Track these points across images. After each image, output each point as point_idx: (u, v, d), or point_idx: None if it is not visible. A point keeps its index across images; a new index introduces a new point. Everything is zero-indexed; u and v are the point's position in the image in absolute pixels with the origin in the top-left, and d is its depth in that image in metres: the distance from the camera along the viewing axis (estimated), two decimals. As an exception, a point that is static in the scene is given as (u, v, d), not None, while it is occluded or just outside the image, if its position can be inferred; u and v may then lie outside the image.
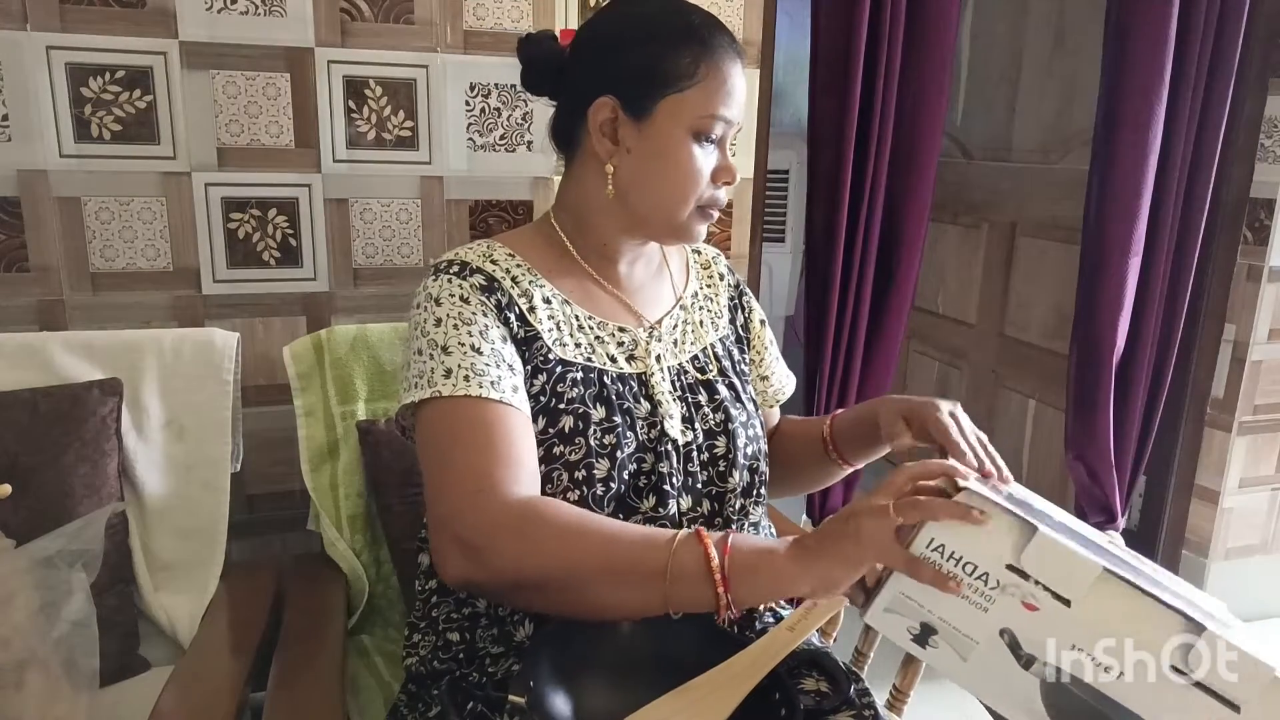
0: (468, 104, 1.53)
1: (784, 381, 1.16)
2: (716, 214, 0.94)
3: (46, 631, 0.96)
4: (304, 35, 1.43)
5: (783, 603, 1.02)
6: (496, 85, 1.54)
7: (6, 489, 1.11)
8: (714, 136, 0.90)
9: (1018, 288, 2.60)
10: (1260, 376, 2.07)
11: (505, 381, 0.85)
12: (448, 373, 0.84)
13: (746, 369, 1.07)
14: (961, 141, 2.82)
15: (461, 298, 0.89)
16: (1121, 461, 2.04)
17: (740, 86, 0.90)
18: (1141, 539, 2.23)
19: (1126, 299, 1.92)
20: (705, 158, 0.90)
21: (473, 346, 0.86)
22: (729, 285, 1.10)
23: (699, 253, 1.12)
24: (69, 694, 0.95)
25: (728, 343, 1.05)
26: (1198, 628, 0.66)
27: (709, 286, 1.08)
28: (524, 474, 0.82)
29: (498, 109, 1.55)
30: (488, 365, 0.85)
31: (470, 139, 1.55)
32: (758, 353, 1.11)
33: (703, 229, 0.94)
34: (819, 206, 1.77)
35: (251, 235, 1.48)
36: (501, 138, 1.56)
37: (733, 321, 1.08)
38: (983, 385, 2.74)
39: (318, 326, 1.48)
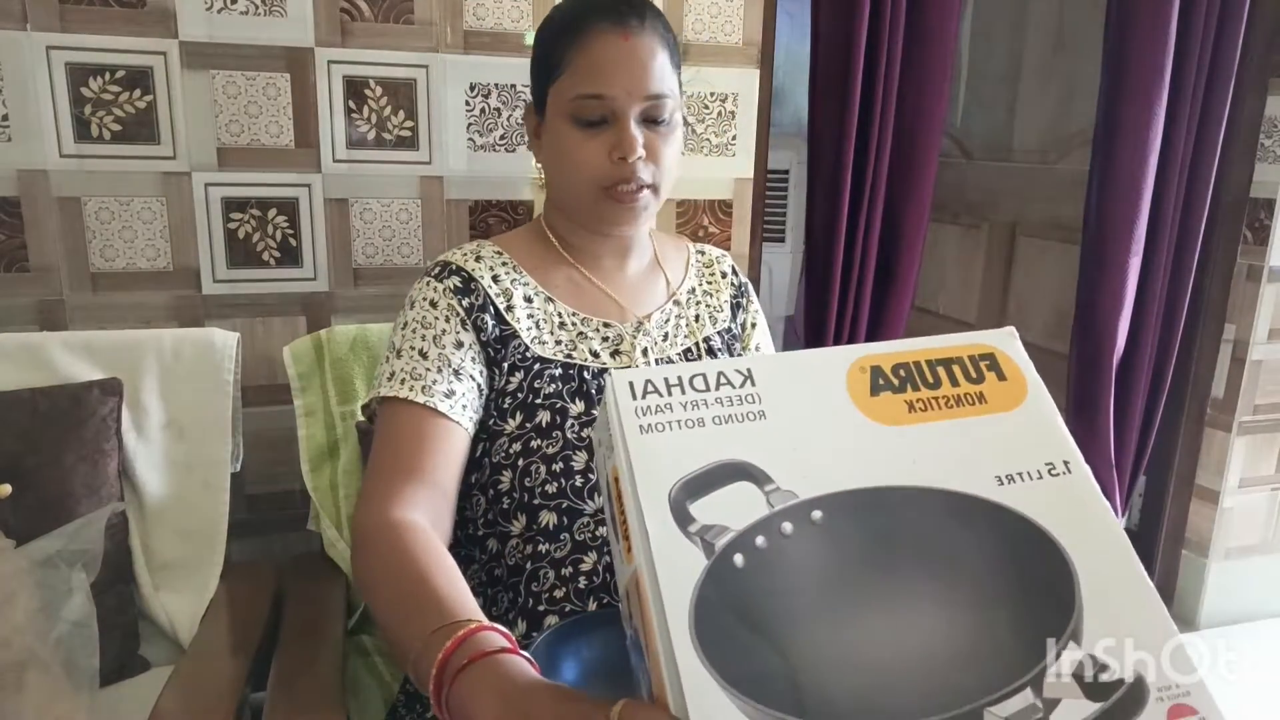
0: (468, 104, 1.53)
1: None
2: (640, 194, 0.90)
3: (46, 631, 0.96)
4: (304, 35, 1.43)
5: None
6: (496, 85, 1.54)
7: (6, 489, 1.11)
8: (591, 118, 0.88)
9: (1018, 288, 2.60)
10: (1260, 376, 2.07)
11: (439, 386, 0.87)
12: (391, 374, 0.88)
13: None
14: (961, 141, 2.82)
15: (431, 302, 0.92)
16: (1121, 461, 2.04)
17: (620, 58, 0.87)
18: (1141, 539, 2.23)
19: (1126, 299, 1.92)
20: (590, 140, 0.89)
21: (420, 351, 0.89)
22: (732, 284, 1.10)
23: (703, 253, 1.12)
24: (69, 694, 0.95)
25: (727, 337, 1.06)
26: None
27: (709, 283, 1.08)
28: (418, 489, 0.82)
29: (498, 109, 1.55)
30: (428, 369, 0.87)
31: (470, 139, 1.55)
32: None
33: (625, 211, 0.92)
34: (819, 206, 1.76)
35: (251, 235, 1.48)
36: (501, 138, 1.56)
37: (733, 319, 1.08)
38: (983, 385, 2.73)
39: (318, 326, 1.48)
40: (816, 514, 0.52)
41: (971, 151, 2.81)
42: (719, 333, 1.05)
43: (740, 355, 1.08)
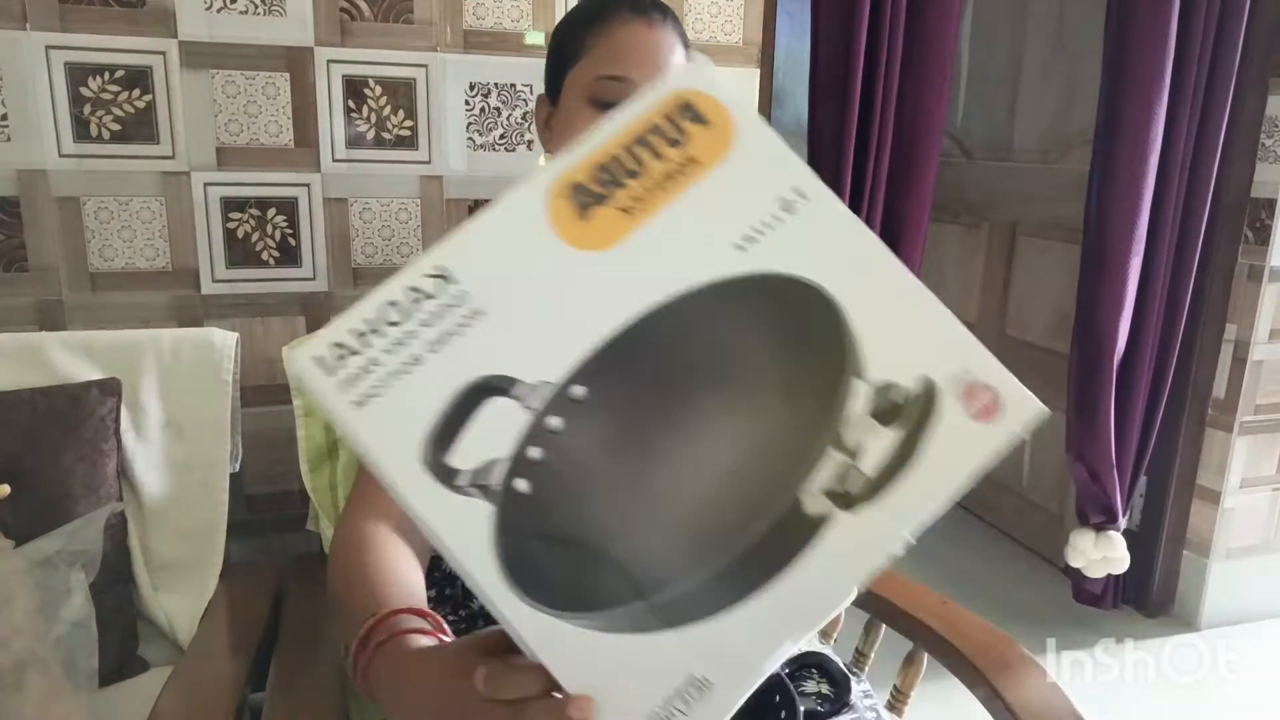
0: (467, 103, 1.53)
1: None
2: None
3: (46, 632, 0.96)
4: (303, 35, 1.43)
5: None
6: (496, 85, 1.54)
7: (6, 489, 1.11)
8: (610, 99, 0.89)
9: (1018, 288, 2.59)
10: (1261, 376, 2.07)
11: None
12: None
13: None
14: (962, 141, 2.82)
15: None
16: (1122, 462, 2.04)
17: (642, 44, 0.90)
18: (1142, 539, 2.23)
19: (1127, 299, 1.92)
20: None
21: None
22: None
23: None
24: (68, 694, 0.95)
25: None
26: None
27: None
28: (393, 503, 0.82)
29: (497, 108, 1.55)
30: None
31: (470, 138, 1.55)
32: None
33: None
34: (819, 206, 1.76)
35: (250, 235, 1.48)
36: (501, 137, 1.56)
37: None
38: (983, 385, 2.73)
39: (317, 326, 1.48)
40: (577, 391, 0.48)
41: (972, 151, 2.81)
42: None
43: None
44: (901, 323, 0.50)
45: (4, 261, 1.38)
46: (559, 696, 0.45)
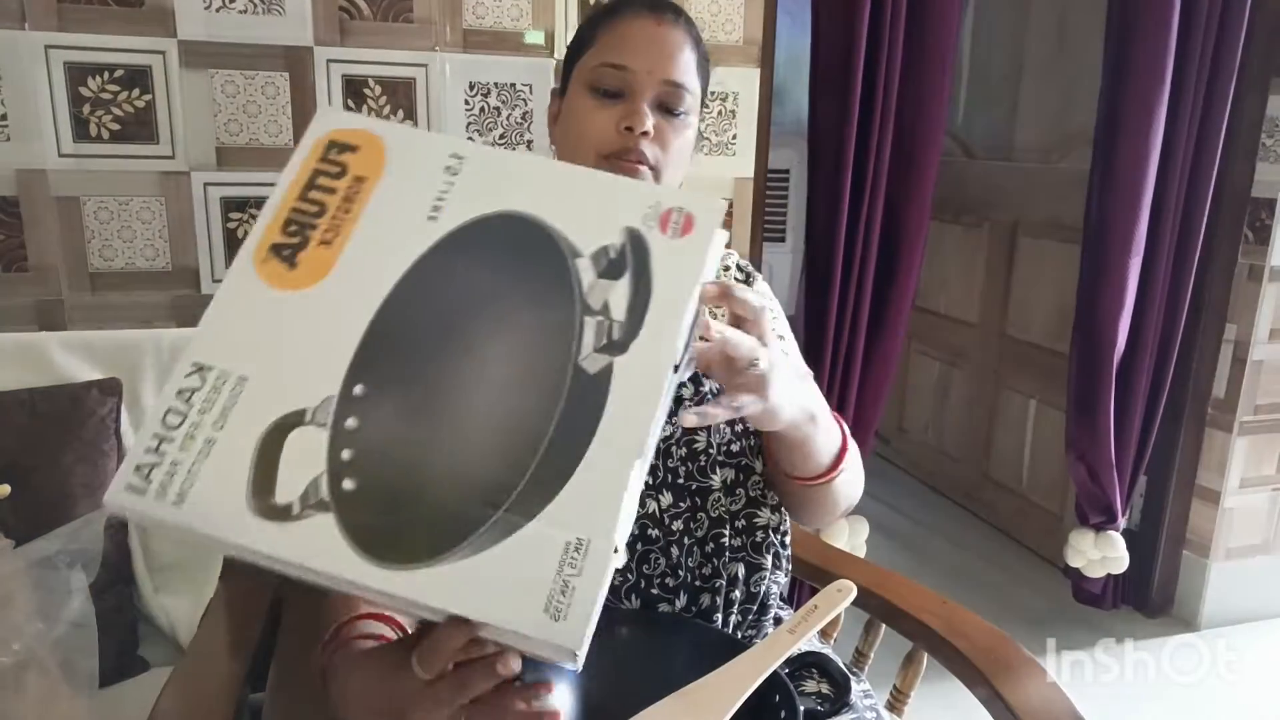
0: (467, 103, 1.53)
1: None
2: (640, 167, 0.90)
3: (46, 632, 0.96)
4: (303, 34, 1.43)
5: (784, 605, 1.02)
6: (496, 84, 1.54)
7: (6, 489, 1.11)
8: (609, 88, 0.90)
9: (1019, 288, 2.59)
10: (1261, 376, 2.06)
11: None
12: None
13: None
14: (963, 141, 2.82)
15: None
16: (1122, 461, 2.04)
17: (648, 37, 0.91)
18: (1142, 539, 2.23)
19: (1127, 299, 1.92)
20: (602, 109, 0.90)
21: None
22: (734, 278, 1.06)
23: None
24: (68, 695, 0.95)
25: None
26: None
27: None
28: None
29: (497, 108, 1.55)
30: None
31: (470, 138, 1.54)
32: None
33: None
34: (819, 206, 1.76)
35: (251, 235, 1.48)
36: (501, 137, 1.56)
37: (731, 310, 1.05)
38: (983, 385, 2.74)
39: (317, 326, 1.48)
40: (357, 389, 0.54)
41: (972, 151, 2.81)
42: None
43: None
44: (584, 201, 0.60)
45: (4, 261, 1.38)
46: (488, 654, 0.51)
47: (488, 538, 0.50)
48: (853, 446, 0.86)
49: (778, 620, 0.98)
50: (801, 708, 0.75)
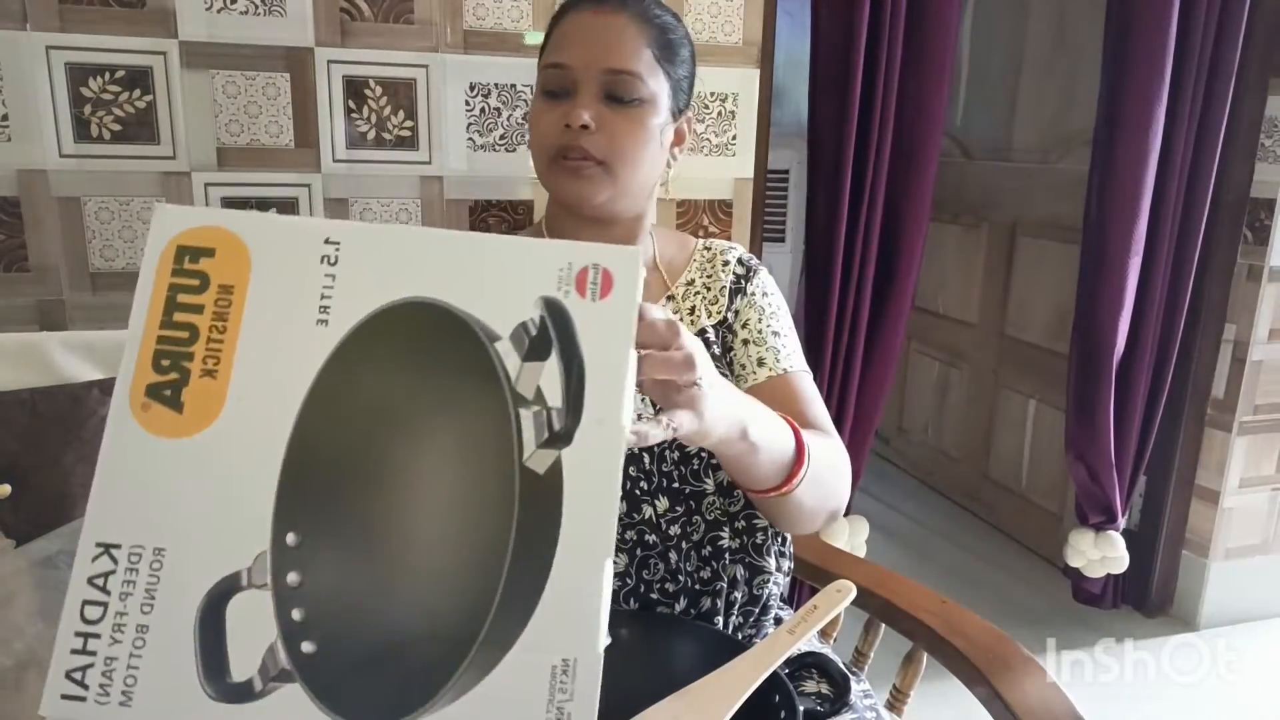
0: (468, 104, 1.53)
1: (754, 368, 0.98)
2: (584, 164, 0.89)
3: (46, 632, 0.96)
4: (304, 35, 1.43)
5: (784, 606, 1.02)
6: (496, 85, 1.54)
7: (6, 489, 1.11)
8: (554, 88, 0.89)
9: (1018, 288, 2.59)
10: (1260, 376, 2.07)
11: None
12: None
13: (747, 359, 0.98)
14: (962, 141, 2.82)
15: None
16: (1122, 461, 2.04)
17: (585, 30, 0.89)
18: (1142, 539, 2.23)
19: (1127, 299, 1.92)
20: (551, 109, 0.90)
21: None
22: (734, 272, 1.01)
23: (709, 247, 1.04)
24: (69, 694, 0.95)
25: (722, 330, 0.98)
26: None
27: (709, 275, 1.01)
28: None
29: (498, 109, 1.55)
30: None
31: (470, 139, 1.55)
32: (732, 343, 0.99)
33: (572, 179, 0.89)
34: (819, 206, 1.76)
35: (251, 235, 1.48)
36: (501, 138, 1.56)
37: (729, 307, 0.99)
38: (983, 385, 2.74)
39: (317, 326, 1.48)
40: (290, 539, 0.49)
41: (972, 151, 2.81)
42: (714, 325, 0.98)
43: (731, 347, 0.98)
44: (487, 274, 0.52)
45: (4, 261, 1.38)
46: None
47: (469, 677, 0.46)
48: (820, 457, 0.80)
49: (778, 621, 0.99)
50: (801, 708, 0.75)
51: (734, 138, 1.69)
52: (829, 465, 0.84)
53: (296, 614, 0.48)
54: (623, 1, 0.90)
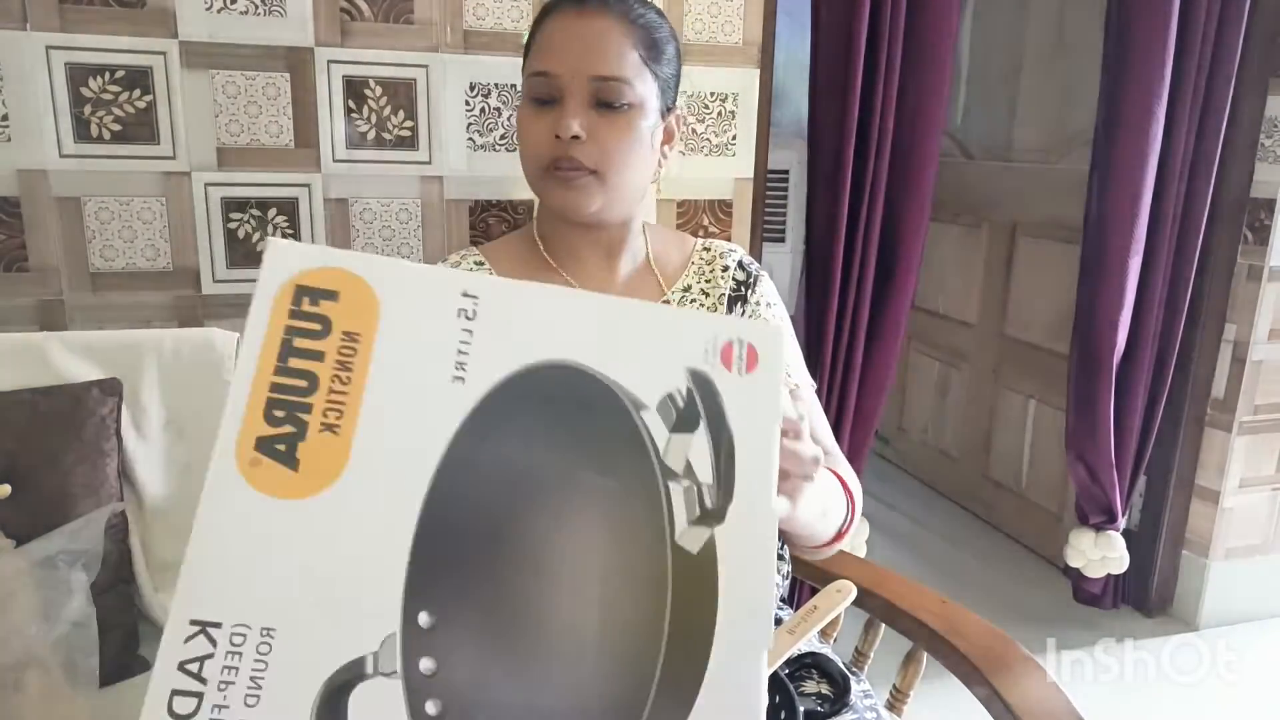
0: (468, 104, 1.53)
1: None
2: (577, 174, 0.88)
3: (46, 632, 0.96)
4: (304, 35, 1.43)
5: (783, 606, 1.02)
6: (497, 85, 1.54)
7: (6, 489, 1.11)
8: (541, 96, 0.88)
9: (1018, 288, 2.59)
10: (1260, 376, 2.07)
11: None
12: None
13: None
14: (962, 141, 2.82)
15: None
16: (1122, 461, 2.04)
17: (569, 35, 0.87)
18: (1142, 539, 2.23)
19: (1127, 299, 1.92)
20: (539, 118, 0.89)
21: None
22: (734, 278, 1.00)
23: (708, 249, 1.04)
24: (69, 694, 0.95)
25: None
26: None
27: (707, 280, 1.01)
28: None
29: (498, 109, 1.55)
30: None
31: (470, 139, 1.55)
32: None
33: (565, 189, 0.89)
34: (819, 206, 1.76)
35: (251, 235, 1.48)
36: (502, 138, 1.56)
37: (729, 313, 0.99)
38: (983, 385, 2.74)
39: (318, 326, 1.48)
40: (424, 620, 0.43)
41: (971, 151, 2.81)
42: None
43: None
44: (632, 340, 0.49)
45: (4, 261, 1.38)
46: None
47: None
48: (855, 515, 0.86)
49: (777, 620, 0.98)
50: (801, 708, 0.75)
51: (734, 138, 1.69)
52: (859, 501, 0.89)
53: (431, 707, 0.43)
54: (605, 2, 0.88)
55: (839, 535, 0.83)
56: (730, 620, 0.45)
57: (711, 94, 1.66)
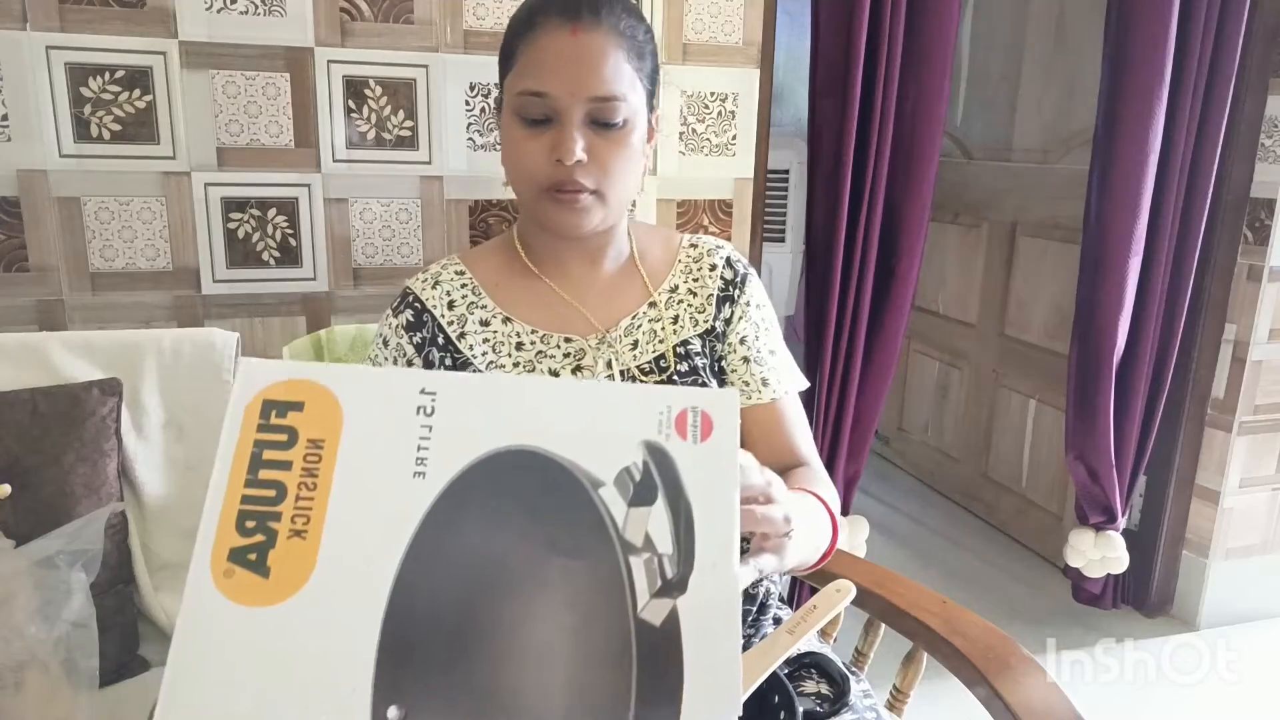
0: (467, 104, 1.53)
1: (759, 387, 0.98)
2: (580, 196, 0.86)
3: (46, 632, 0.96)
4: (304, 35, 1.43)
5: (782, 605, 1.02)
6: (496, 85, 1.54)
7: (6, 489, 1.11)
8: (534, 116, 0.85)
9: (1018, 288, 2.59)
10: (1260, 376, 2.06)
11: None
12: None
13: (750, 378, 0.97)
14: (962, 141, 2.82)
15: (384, 340, 0.95)
16: (1122, 461, 2.04)
17: (565, 54, 0.83)
18: (1142, 539, 2.23)
19: (1127, 299, 1.92)
20: (533, 139, 0.85)
21: None
22: (722, 277, 0.98)
23: (695, 245, 1.01)
24: (68, 694, 0.95)
25: (709, 339, 0.96)
26: None
27: (694, 279, 0.98)
28: None
29: (498, 109, 1.55)
30: None
31: (470, 139, 1.55)
32: (727, 357, 0.98)
33: (567, 212, 0.87)
34: (819, 206, 1.76)
35: (251, 235, 1.48)
36: (501, 138, 1.56)
37: (717, 316, 0.97)
38: (983, 385, 2.74)
39: (317, 326, 1.48)
40: (393, 714, 0.45)
41: (971, 151, 2.81)
42: (699, 335, 0.96)
43: (722, 356, 0.97)
44: (585, 419, 0.51)
45: (4, 261, 1.38)
46: None
47: None
48: (838, 531, 0.87)
49: (777, 620, 0.99)
50: (801, 708, 0.75)
51: (734, 138, 1.69)
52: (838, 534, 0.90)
53: None
54: (596, 13, 0.84)
55: (825, 555, 0.85)
56: (696, 693, 0.45)
57: (711, 94, 1.66)
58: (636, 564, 0.47)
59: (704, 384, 0.93)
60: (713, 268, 0.99)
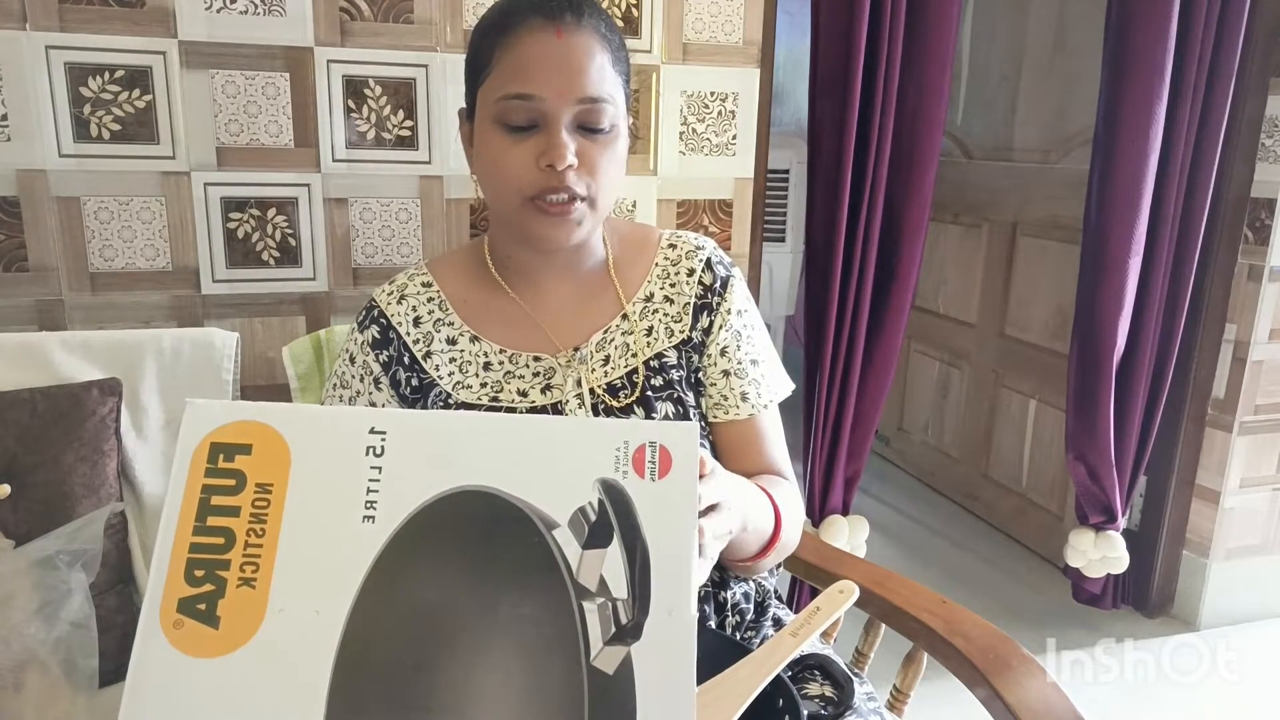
0: (468, 104, 1.53)
1: (738, 402, 0.94)
2: (571, 206, 0.82)
3: (46, 632, 0.96)
4: (303, 35, 1.43)
5: (781, 604, 1.02)
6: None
7: (6, 489, 1.11)
8: (519, 122, 0.80)
9: (1018, 288, 2.59)
10: (1261, 376, 2.06)
11: None
12: None
13: (729, 392, 0.94)
14: (962, 141, 2.82)
15: (351, 356, 0.93)
16: (1122, 461, 2.04)
17: (550, 56, 0.79)
18: (1142, 539, 2.23)
19: (1127, 299, 1.92)
20: (518, 146, 0.81)
21: None
22: (700, 283, 0.93)
23: (673, 246, 0.96)
24: (68, 694, 0.95)
25: (685, 350, 0.92)
26: None
27: (671, 285, 0.94)
28: None
29: (498, 109, 1.55)
30: None
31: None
32: (706, 370, 0.93)
33: (555, 224, 0.83)
34: (819, 206, 1.76)
35: (251, 235, 1.48)
36: (501, 137, 1.56)
37: (694, 326, 0.93)
38: (983, 385, 2.74)
39: (317, 326, 1.48)
40: None
41: (972, 151, 2.81)
42: (674, 347, 0.92)
43: (699, 369, 0.93)
44: (540, 457, 0.49)
45: (4, 261, 1.38)
46: None
47: None
48: (789, 520, 0.87)
49: (776, 620, 0.98)
50: (805, 711, 0.75)
51: (734, 138, 1.69)
52: (794, 522, 0.89)
53: None
54: (579, 15, 0.81)
55: (763, 551, 0.84)
56: None
57: (711, 94, 1.66)
58: (590, 610, 0.46)
59: (679, 399, 0.90)
60: (691, 272, 0.94)
